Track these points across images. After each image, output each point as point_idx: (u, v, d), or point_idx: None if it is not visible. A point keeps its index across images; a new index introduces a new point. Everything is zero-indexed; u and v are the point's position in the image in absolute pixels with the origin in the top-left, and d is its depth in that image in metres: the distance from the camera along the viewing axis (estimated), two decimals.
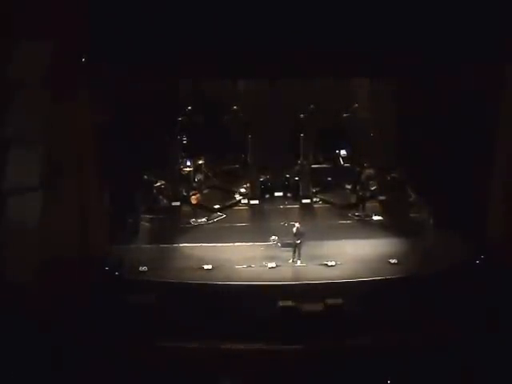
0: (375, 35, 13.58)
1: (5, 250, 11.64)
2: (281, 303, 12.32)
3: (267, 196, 18.22)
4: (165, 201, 17.66)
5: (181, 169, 18.56)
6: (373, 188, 18.05)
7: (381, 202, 17.59)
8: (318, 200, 18.02)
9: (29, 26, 11.88)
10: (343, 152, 19.03)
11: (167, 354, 9.84)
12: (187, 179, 18.50)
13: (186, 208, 17.65)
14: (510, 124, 13.74)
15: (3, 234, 11.77)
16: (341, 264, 14.23)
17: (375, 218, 16.96)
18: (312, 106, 17.70)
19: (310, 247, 14.82)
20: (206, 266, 14.14)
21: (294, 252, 14.47)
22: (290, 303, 12.32)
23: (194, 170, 18.69)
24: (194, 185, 18.43)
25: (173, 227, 16.64)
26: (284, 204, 17.89)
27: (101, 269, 13.31)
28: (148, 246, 15.68)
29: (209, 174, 18.89)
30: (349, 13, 13.43)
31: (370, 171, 18.26)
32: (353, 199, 17.95)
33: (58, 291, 11.29)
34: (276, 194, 18.21)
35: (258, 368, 9.97)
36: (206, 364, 9.67)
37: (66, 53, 12.98)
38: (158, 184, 17.93)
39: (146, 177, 17.71)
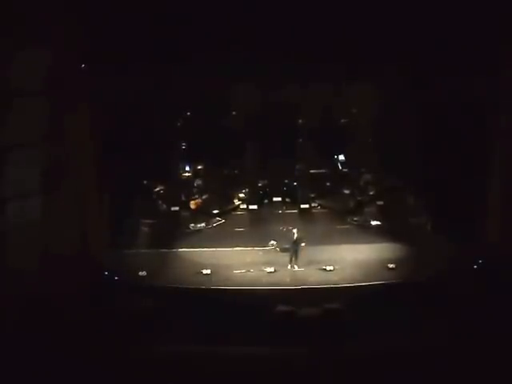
0: (375, 37, 13.70)
1: (5, 252, 11.72)
2: (279, 308, 12.35)
3: (266, 201, 18.28)
4: (164, 206, 17.71)
5: (180, 174, 18.64)
6: (371, 193, 18.12)
7: (379, 206, 17.66)
8: (316, 205, 18.08)
9: (29, 34, 11.97)
10: (341, 157, 19.09)
11: (166, 358, 9.84)
12: (186, 184, 18.58)
13: (185, 213, 17.70)
14: (509, 124, 13.80)
15: (3, 237, 11.84)
16: (339, 269, 14.27)
17: (373, 222, 16.99)
18: (311, 111, 17.81)
19: (308, 252, 14.86)
20: (204, 271, 14.18)
21: (291, 257, 14.53)
22: (288, 308, 12.33)
23: (193, 175, 18.77)
24: (194, 190, 18.50)
25: (172, 232, 16.68)
26: (283, 209, 17.95)
27: (100, 273, 13.35)
28: (147, 250, 15.72)
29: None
30: (348, 15, 13.54)
31: (368, 176, 18.33)
32: (351, 204, 18.02)
33: (57, 294, 11.33)
34: (275, 199, 18.27)
35: (257, 372, 9.95)
36: (205, 368, 9.67)
37: (66, 58, 13.07)
38: (158, 189, 17.98)
39: (145, 182, 17.76)
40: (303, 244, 14.66)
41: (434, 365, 9.54)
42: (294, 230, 14.86)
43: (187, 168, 18.75)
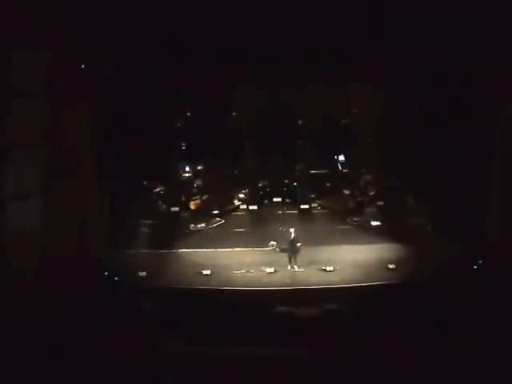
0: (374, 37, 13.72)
1: (5, 252, 11.72)
2: (279, 308, 12.34)
3: (266, 201, 18.27)
4: (164, 206, 17.71)
5: (180, 174, 18.64)
6: (371, 193, 18.11)
7: (379, 207, 17.65)
8: (316, 205, 18.09)
9: (29, 34, 11.99)
10: (341, 157, 19.09)
11: (165, 359, 9.84)
12: (186, 185, 18.58)
13: (185, 213, 17.69)
14: (509, 124, 13.80)
15: (3, 237, 11.84)
16: (339, 269, 14.26)
17: (373, 223, 17.00)
18: (311, 112, 17.82)
19: (308, 252, 14.86)
20: (204, 271, 14.18)
21: (290, 257, 14.55)
22: (288, 308, 12.33)
23: (193, 176, 18.77)
24: (193, 190, 18.51)
25: (172, 232, 16.68)
26: (283, 209, 17.95)
27: (100, 273, 13.34)
28: (147, 251, 15.71)
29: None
30: (348, 15, 13.55)
31: (368, 176, 18.34)
32: (351, 204, 18.02)
33: (57, 294, 11.34)
34: (275, 199, 18.26)
35: (256, 373, 9.95)
36: (205, 368, 9.67)
37: (66, 58, 13.08)
38: (158, 189, 17.98)
39: (145, 182, 17.76)
40: (299, 244, 14.67)
41: (433, 365, 9.54)
42: (291, 230, 14.86)
43: (187, 168, 18.76)
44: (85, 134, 13.95)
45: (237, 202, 18.37)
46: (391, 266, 14.21)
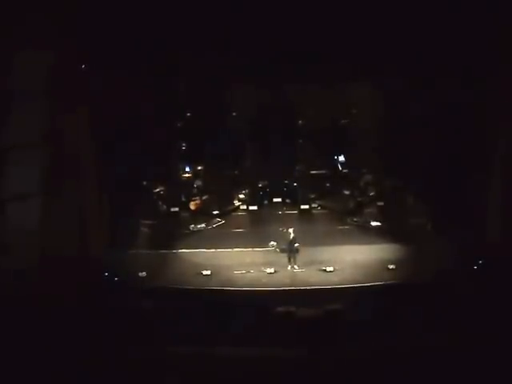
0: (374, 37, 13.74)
1: (5, 252, 11.73)
2: (279, 309, 12.33)
3: (266, 202, 18.28)
4: (164, 206, 17.71)
5: (180, 174, 18.64)
6: (371, 193, 18.11)
7: (379, 207, 17.65)
8: (316, 206, 18.09)
9: (29, 34, 12.00)
10: (341, 158, 19.09)
11: (165, 358, 9.84)
12: (186, 185, 18.58)
13: (185, 213, 17.69)
14: (509, 125, 13.81)
15: (3, 236, 11.85)
16: (339, 269, 14.26)
17: (373, 223, 17.00)
18: (311, 112, 17.83)
19: (308, 253, 14.85)
20: (204, 272, 14.17)
21: (289, 258, 14.55)
22: (288, 309, 12.32)
23: (193, 176, 18.77)
24: (194, 190, 18.51)
25: (172, 233, 16.68)
26: (283, 210, 17.95)
27: (100, 273, 13.34)
28: (147, 251, 15.71)
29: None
30: (348, 15, 13.56)
31: (368, 177, 18.33)
32: (351, 205, 18.01)
33: (57, 295, 11.34)
34: (275, 199, 18.26)
35: (257, 374, 9.94)
36: (204, 369, 9.67)
37: (66, 58, 13.10)
38: (158, 189, 17.99)
39: (145, 182, 17.76)
40: (297, 244, 14.65)
41: (434, 365, 9.53)
42: (290, 230, 14.87)
43: (187, 169, 18.77)
44: (85, 133, 13.96)
45: (237, 203, 18.38)
46: (391, 267, 14.20)
